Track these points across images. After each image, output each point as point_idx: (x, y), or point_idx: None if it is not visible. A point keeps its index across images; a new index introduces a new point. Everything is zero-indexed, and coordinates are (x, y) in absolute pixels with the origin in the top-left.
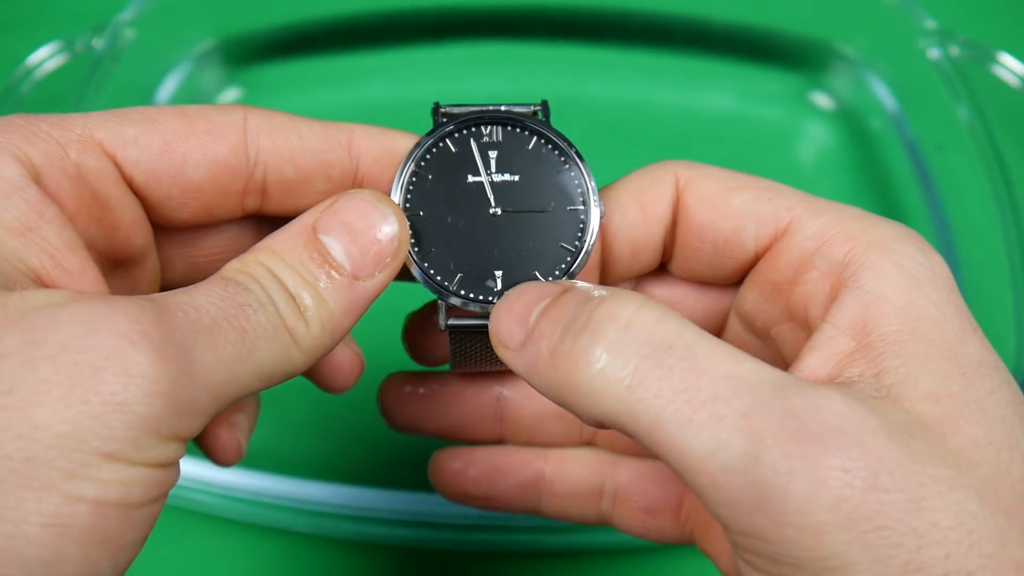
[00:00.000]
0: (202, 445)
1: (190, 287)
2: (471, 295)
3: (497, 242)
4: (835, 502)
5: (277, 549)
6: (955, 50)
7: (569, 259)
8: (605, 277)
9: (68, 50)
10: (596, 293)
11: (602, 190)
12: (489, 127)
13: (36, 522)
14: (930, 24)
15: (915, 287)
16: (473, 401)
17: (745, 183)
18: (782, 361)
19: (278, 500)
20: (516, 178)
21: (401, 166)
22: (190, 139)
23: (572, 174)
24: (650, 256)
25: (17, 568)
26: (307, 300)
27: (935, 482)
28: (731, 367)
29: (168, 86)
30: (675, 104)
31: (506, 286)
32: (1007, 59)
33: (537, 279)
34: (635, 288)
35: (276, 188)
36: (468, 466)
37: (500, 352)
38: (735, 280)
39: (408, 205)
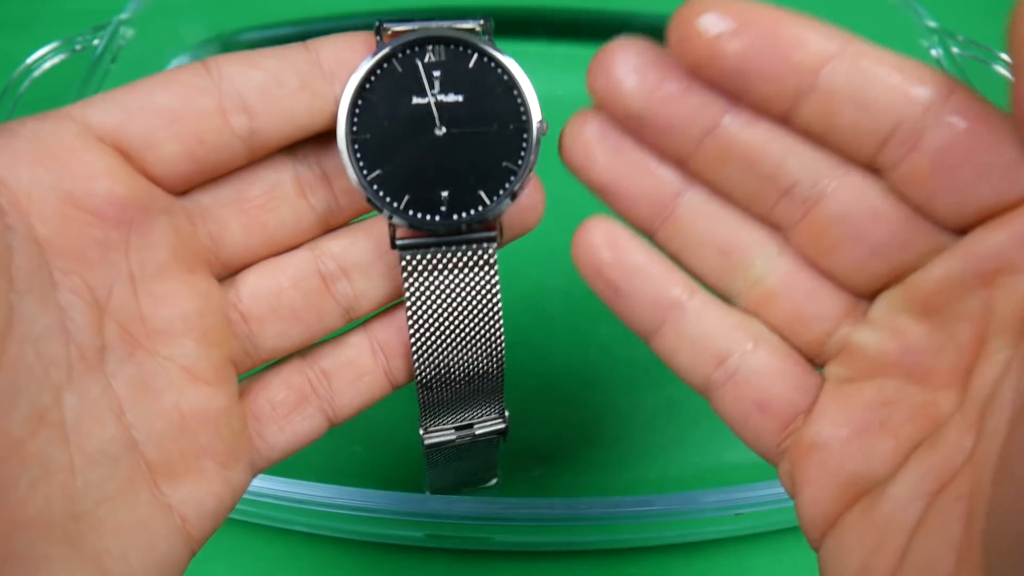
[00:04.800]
0: None
1: None
2: (418, 215)
3: (443, 162)
4: None
5: (277, 549)
6: (956, 49)
7: (512, 179)
8: None
9: (67, 49)
10: None
11: None
12: (433, 45)
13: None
14: (931, 23)
15: None
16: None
17: None
18: None
19: (278, 500)
20: (460, 98)
21: (346, 88)
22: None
23: (514, 92)
24: None
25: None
26: None
27: None
28: None
29: None
30: None
31: (452, 205)
32: (1008, 59)
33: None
34: None
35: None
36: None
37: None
38: None
39: (356, 129)
